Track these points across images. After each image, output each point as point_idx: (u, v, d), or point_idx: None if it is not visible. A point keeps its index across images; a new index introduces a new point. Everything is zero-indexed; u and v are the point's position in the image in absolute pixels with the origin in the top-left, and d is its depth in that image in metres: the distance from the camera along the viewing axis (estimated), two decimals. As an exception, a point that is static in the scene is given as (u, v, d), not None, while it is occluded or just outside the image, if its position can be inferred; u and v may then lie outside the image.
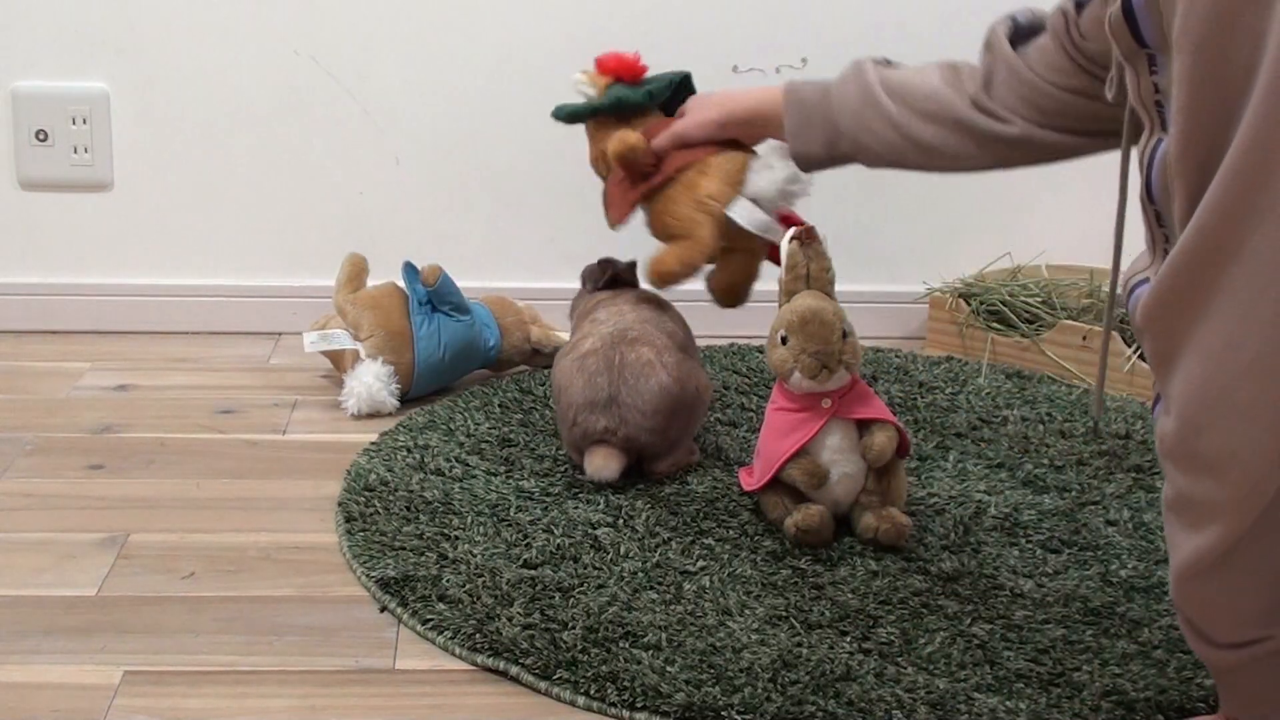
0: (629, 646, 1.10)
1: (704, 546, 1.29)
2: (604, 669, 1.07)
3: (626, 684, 1.05)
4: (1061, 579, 1.24)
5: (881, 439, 1.29)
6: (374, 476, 1.41)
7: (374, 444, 1.52)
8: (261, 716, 1.03)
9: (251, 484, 1.44)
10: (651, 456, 1.43)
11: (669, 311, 1.51)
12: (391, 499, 1.37)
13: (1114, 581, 1.24)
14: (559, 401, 1.45)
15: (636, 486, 1.41)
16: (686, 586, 1.21)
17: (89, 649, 1.11)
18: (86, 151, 1.90)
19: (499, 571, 1.22)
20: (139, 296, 1.94)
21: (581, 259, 1.65)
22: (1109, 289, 1.09)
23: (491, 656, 1.10)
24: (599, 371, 1.39)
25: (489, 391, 1.68)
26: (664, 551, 1.27)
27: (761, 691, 1.04)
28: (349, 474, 1.43)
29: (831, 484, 1.30)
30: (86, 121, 1.89)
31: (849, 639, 1.13)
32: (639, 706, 1.03)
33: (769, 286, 1.39)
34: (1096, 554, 1.29)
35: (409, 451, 1.48)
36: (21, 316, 1.93)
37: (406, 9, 1.90)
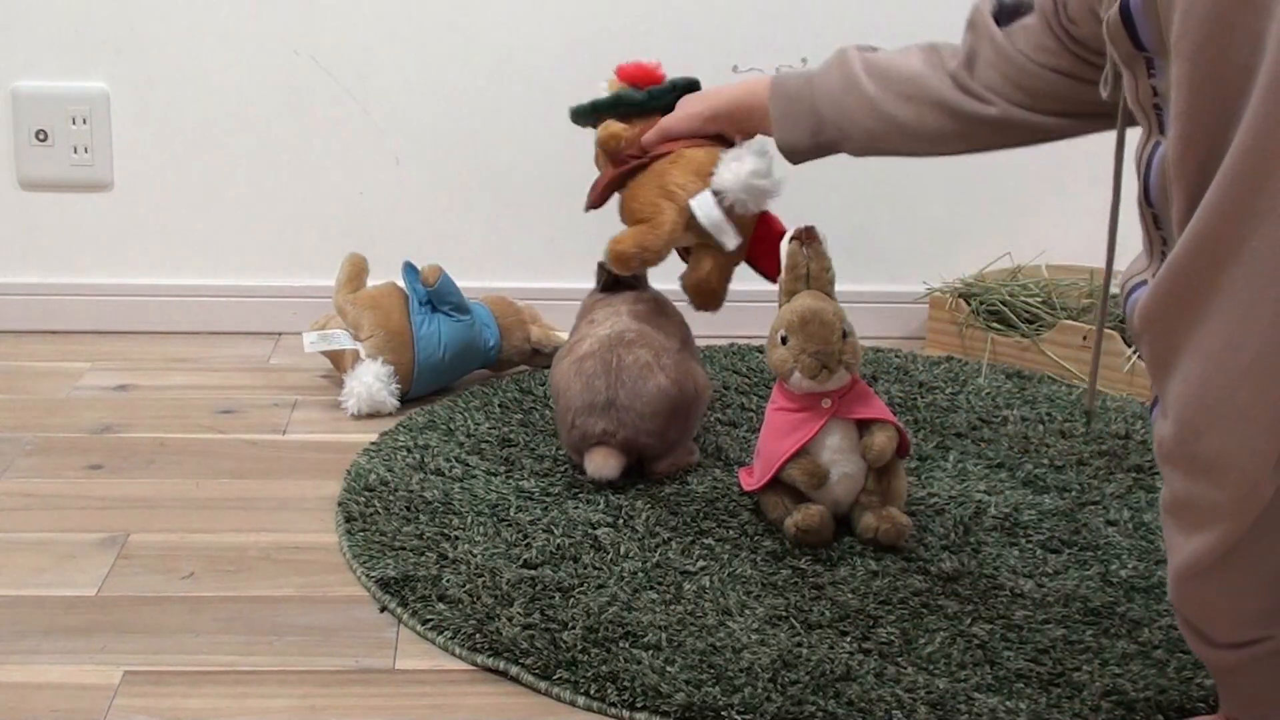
0: (629, 646, 1.10)
1: (704, 546, 1.29)
2: (604, 669, 1.07)
3: (626, 684, 1.05)
4: (1061, 579, 1.24)
5: (881, 439, 1.29)
6: (374, 476, 1.42)
7: (374, 444, 1.52)
8: (261, 716, 1.03)
9: (251, 484, 1.44)
10: (651, 457, 1.43)
11: (668, 312, 1.51)
12: (391, 499, 1.37)
13: (1114, 581, 1.24)
14: (557, 404, 1.45)
15: (636, 486, 1.41)
16: (686, 586, 1.21)
17: (89, 649, 1.11)
18: (86, 151, 1.90)
19: (499, 571, 1.22)
20: (139, 296, 1.94)
21: (581, 259, 1.65)
22: (1103, 282, 1.09)
23: (491, 656, 1.10)
24: (596, 374, 1.39)
25: (489, 391, 1.68)
26: (664, 551, 1.27)
27: (761, 691, 1.04)
28: (349, 474, 1.43)
29: (831, 484, 1.30)
30: (86, 121, 1.89)
31: (849, 639, 1.13)
32: (639, 706, 1.03)
33: (769, 286, 1.39)
34: (1096, 554, 1.29)
35: (409, 451, 1.48)
36: (21, 316, 1.93)
37: (406, 9, 1.90)
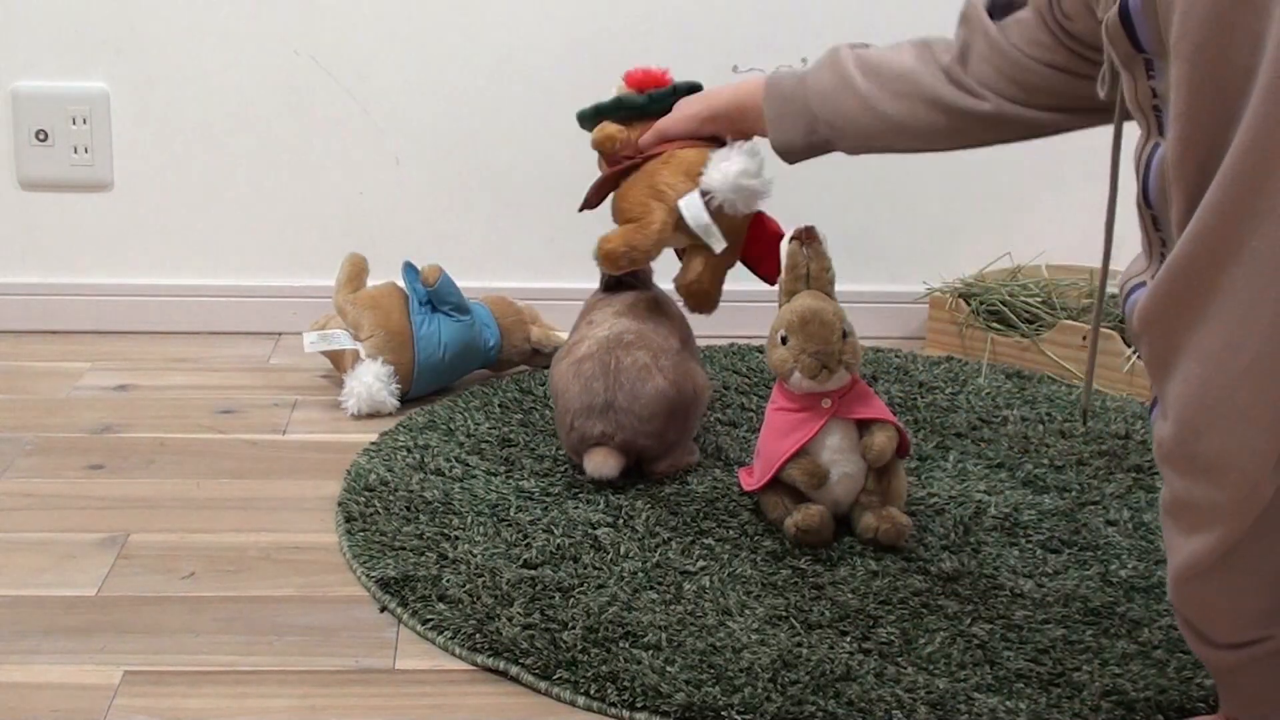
0: (629, 646, 1.10)
1: (704, 546, 1.29)
2: (604, 669, 1.07)
3: (626, 684, 1.05)
4: (1061, 579, 1.24)
5: (881, 439, 1.29)
6: (374, 476, 1.42)
7: (374, 444, 1.52)
8: (261, 716, 1.03)
9: (251, 484, 1.44)
10: (650, 458, 1.43)
11: (668, 312, 1.50)
12: (391, 499, 1.37)
13: (1114, 581, 1.24)
14: (556, 405, 1.44)
15: (636, 486, 1.41)
16: (686, 586, 1.21)
17: (89, 649, 1.11)
18: (86, 151, 1.90)
19: (499, 571, 1.22)
20: (139, 296, 1.94)
21: (581, 259, 1.64)
22: (1099, 279, 1.09)
23: (491, 656, 1.10)
24: (595, 377, 1.39)
25: (489, 391, 1.68)
26: (664, 551, 1.27)
27: (761, 691, 1.04)
28: (349, 474, 1.43)
29: (831, 484, 1.30)
30: (86, 121, 1.89)
31: (849, 639, 1.13)
32: (639, 706, 1.03)
33: (769, 286, 1.39)
34: (1096, 554, 1.29)
35: (409, 451, 1.48)
36: (21, 316, 1.93)
37: (406, 9, 1.90)
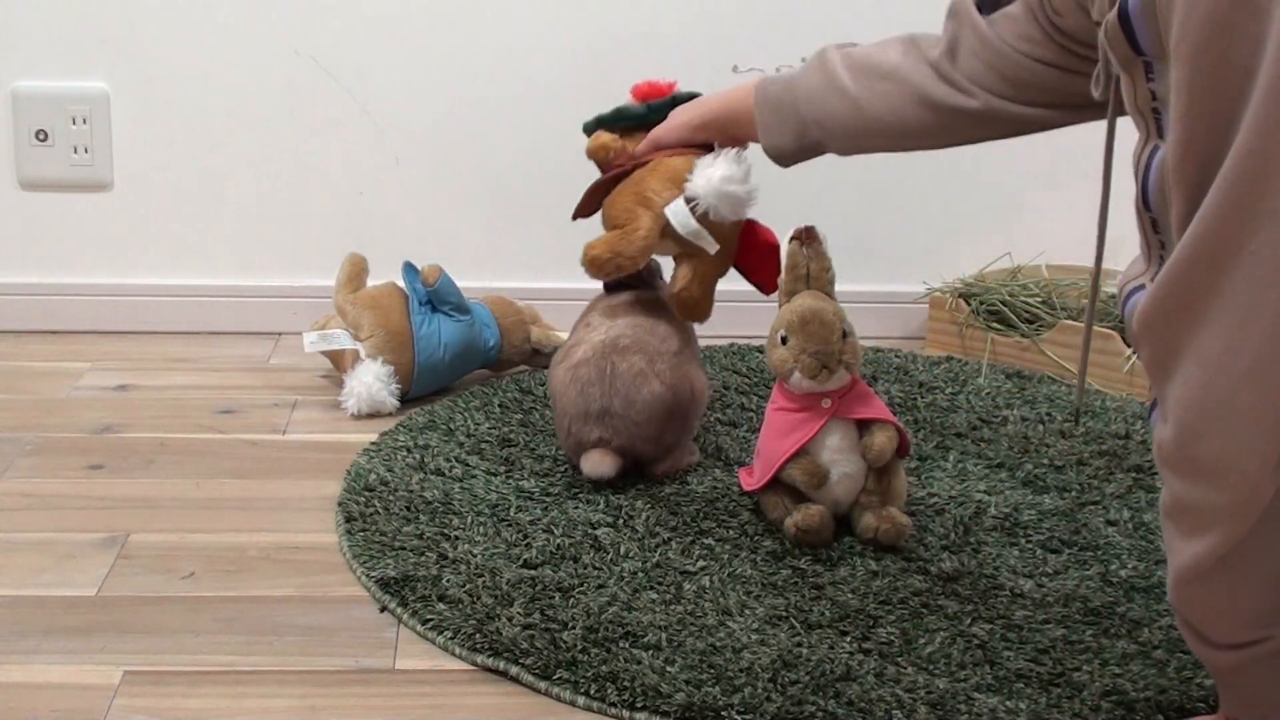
0: (629, 646, 1.10)
1: (704, 546, 1.29)
2: (604, 669, 1.07)
3: (626, 684, 1.05)
4: (1061, 579, 1.24)
5: (881, 439, 1.29)
6: (374, 476, 1.42)
7: (374, 444, 1.52)
8: (261, 716, 1.03)
9: (251, 484, 1.44)
10: (649, 461, 1.43)
11: (666, 313, 1.49)
12: (391, 499, 1.37)
13: (1114, 581, 1.24)
14: (555, 408, 1.44)
15: (636, 486, 1.41)
16: (686, 586, 1.21)
17: (89, 649, 1.11)
18: (86, 151, 1.90)
19: (499, 571, 1.22)
20: (139, 296, 1.94)
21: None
22: (1091, 280, 1.09)
23: (491, 656, 1.10)
24: (591, 382, 1.39)
25: (489, 391, 1.68)
26: (664, 551, 1.27)
27: (761, 691, 1.04)
28: (349, 474, 1.43)
29: (831, 484, 1.30)
30: (86, 121, 1.89)
31: (849, 639, 1.13)
32: (639, 706, 1.03)
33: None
34: (1096, 554, 1.29)
35: (409, 451, 1.48)
36: (21, 316, 1.93)
37: (406, 9, 1.90)
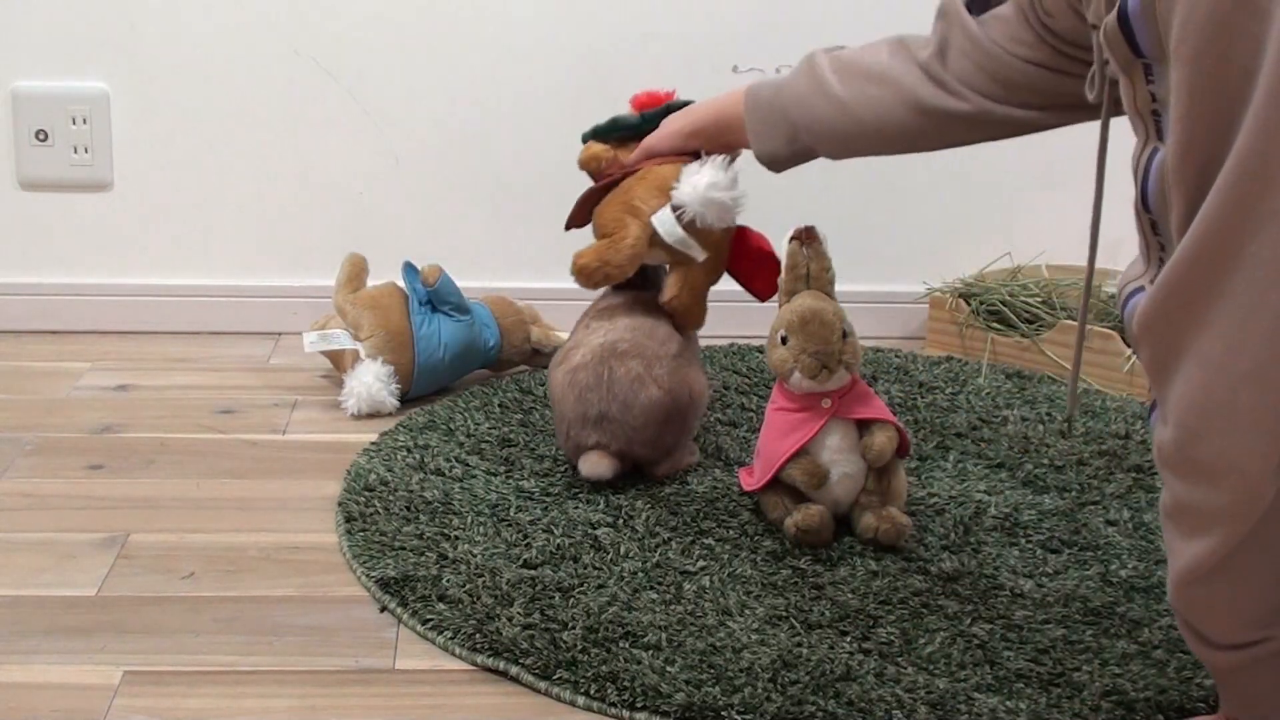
0: (629, 646, 1.10)
1: (704, 546, 1.29)
2: (604, 669, 1.07)
3: (626, 684, 1.05)
4: (1061, 579, 1.24)
5: (881, 439, 1.29)
6: (374, 476, 1.42)
7: (374, 444, 1.52)
8: (261, 716, 1.03)
9: (251, 484, 1.44)
10: (648, 463, 1.43)
11: (666, 315, 1.48)
12: (391, 499, 1.37)
13: (1114, 581, 1.24)
14: (554, 411, 1.44)
15: (636, 486, 1.41)
16: (686, 586, 1.21)
17: (89, 649, 1.11)
18: (86, 151, 1.90)
19: (499, 571, 1.22)
20: (139, 296, 1.94)
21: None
22: (1085, 281, 1.09)
23: (491, 656, 1.10)
24: (589, 387, 1.39)
25: (489, 391, 1.68)
26: (664, 551, 1.27)
27: (761, 691, 1.04)
28: (349, 474, 1.43)
29: (831, 484, 1.30)
30: (86, 121, 1.89)
31: (849, 639, 1.13)
32: (639, 706, 1.03)
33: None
34: (1096, 554, 1.29)
35: (409, 451, 1.48)
36: (21, 316, 1.93)
37: (406, 9, 1.90)
